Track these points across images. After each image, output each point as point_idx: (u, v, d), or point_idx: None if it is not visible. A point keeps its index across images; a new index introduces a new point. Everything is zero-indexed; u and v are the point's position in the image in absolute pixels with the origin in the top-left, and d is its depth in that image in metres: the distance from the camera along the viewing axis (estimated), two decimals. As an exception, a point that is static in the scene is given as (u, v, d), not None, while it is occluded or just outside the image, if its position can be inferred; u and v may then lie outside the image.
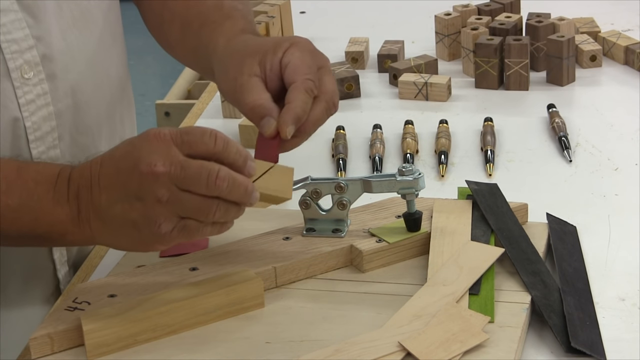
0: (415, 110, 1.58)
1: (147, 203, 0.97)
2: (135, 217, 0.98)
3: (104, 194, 1.00)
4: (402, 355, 0.98)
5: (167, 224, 0.98)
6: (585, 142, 1.44)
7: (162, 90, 2.77)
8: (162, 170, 0.96)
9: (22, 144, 1.16)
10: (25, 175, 1.03)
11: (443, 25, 1.73)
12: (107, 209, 1.00)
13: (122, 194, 0.98)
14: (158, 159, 0.96)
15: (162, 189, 0.97)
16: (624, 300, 1.09)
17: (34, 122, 1.16)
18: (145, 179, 0.97)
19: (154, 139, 0.97)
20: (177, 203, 0.97)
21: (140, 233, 0.99)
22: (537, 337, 1.04)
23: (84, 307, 1.06)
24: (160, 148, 0.97)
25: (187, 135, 0.98)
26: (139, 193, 0.97)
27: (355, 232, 1.17)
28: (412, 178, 1.14)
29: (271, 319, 1.06)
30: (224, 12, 1.22)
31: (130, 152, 0.98)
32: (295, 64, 1.09)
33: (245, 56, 1.12)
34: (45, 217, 1.02)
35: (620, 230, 1.22)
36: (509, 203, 1.21)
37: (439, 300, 1.05)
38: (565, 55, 1.61)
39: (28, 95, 1.15)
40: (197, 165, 0.97)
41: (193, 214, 0.98)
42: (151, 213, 0.98)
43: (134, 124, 1.38)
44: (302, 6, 2.01)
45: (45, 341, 1.03)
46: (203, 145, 0.98)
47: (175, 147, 0.97)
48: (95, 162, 1.02)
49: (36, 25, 1.14)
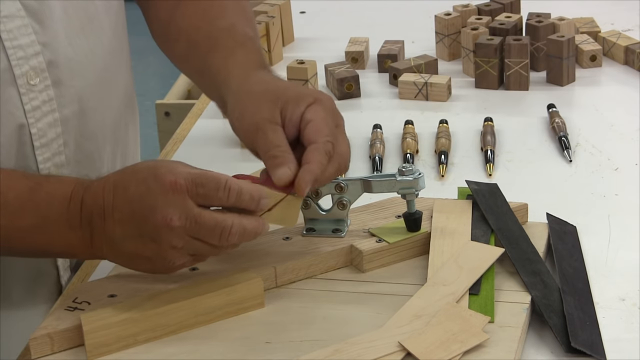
0: (415, 110, 1.58)
1: (161, 245, 1.01)
2: (149, 254, 1.02)
3: (118, 227, 1.02)
4: (402, 355, 0.98)
5: (179, 259, 1.03)
6: (585, 142, 1.44)
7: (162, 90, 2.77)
8: (178, 225, 1.00)
9: (27, 151, 1.15)
10: (37, 196, 1.04)
11: (443, 25, 1.73)
12: (121, 242, 1.02)
13: (136, 233, 1.01)
14: (174, 213, 0.99)
15: (176, 238, 1.01)
16: (624, 300, 1.09)
17: (40, 129, 1.15)
18: (160, 228, 1.00)
19: (169, 189, 0.99)
20: (191, 247, 1.02)
21: (154, 265, 1.04)
22: (537, 337, 1.04)
23: (84, 307, 1.06)
24: (176, 201, 0.99)
25: (202, 188, 1.00)
26: (153, 236, 1.01)
27: (355, 232, 1.17)
28: (412, 178, 1.14)
29: (271, 319, 1.06)
30: (236, 39, 1.20)
31: (145, 196, 1.00)
32: (318, 124, 1.08)
33: (265, 100, 1.10)
34: (58, 240, 1.04)
35: (620, 230, 1.22)
36: (509, 203, 1.21)
37: (439, 300, 1.05)
38: (565, 55, 1.61)
39: (34, 102, 1.14)
40: (211, 221, 1.00)
41: (205, 252, 1.04)
42: (165, 253, 1.02)
43: (137, 128, 1.38)
44: (302, 6, 2.01)
45: (45, 341, 1.03)
46: (217, 199, 1.01)
47: (190, 199, 1.00)
48: (107, 191, 1.03)
49: (42, 32, 1.14)
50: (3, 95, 1.11)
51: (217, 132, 1.55)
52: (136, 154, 1.38)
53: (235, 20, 1.23)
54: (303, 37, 1.88)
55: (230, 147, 1.50)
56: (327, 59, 1.71)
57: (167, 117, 2.08)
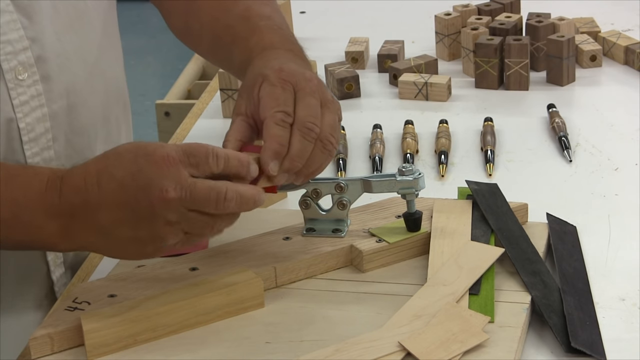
0: (415, 110, 1.58)
1: (156, 224, 0.99)
2: (141, 235, 1.00)
3: (106, 213, 1.00)
4: (402, 355, 0.98)
5: (172, 239, 1.01)
6: (585, 142, 1.44)
7: (162, 90, 2.77)
8: (174, 196, 0.98)
9: (15, 145, 1.15)
10: (13, 185, 1.03)
11: (443, 25, 1.74)
12: (110, 227, 1.01)
13: (127, 215, 1.00)
14: (169, 184, 0.98)
15: (172, 212, 0.99)
16: (624, 300, 1.09)
17: (28, 124, 1.15)
18: (156, 203, 0.98)
19: (162, 163, 0.98)
20: (185, 222, 1.00)
21: (144, 247, 1.02)
22: (537, 337, 1.04)
23: (84, 307, 1.06)
24: (170, 172, 0.98)
25: (194, 158, 0.99)
26: (148, 215, 0.99)
27: (355, 232, 1.17)
28: (412, 178, 1.14)
29: (271, 319, 1.06)
30: (250, 25, 1.20)
31: (137, 174, 0.99)
32: (264, 100, 1.07)
33: (239, 94, 1.12)
34: (37, 230, 1.03)
35: (620, 230, 1.22)
36: (509, 203, 1.21)
37: (439, 300, 1.05)
38: (565, 55, 1.61)
39: (22, 97, 1.14)
40: (206, 187, 0.99)
41: (199, 229, 1.01)
42: (158, 232, 1.00)
43: (129, 124, 1.37)
44: (302, 6, 2.01)
45: (45, 341, 1.03)
46: (208, 166, 1.00)
47: (184, 169, 0.99)
48: (89, 177, 1.01)
49: (31, 27, 1.14)
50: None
51: (217, 132, 1.55)
52: None
53: (250, 3, 1.22)
54: (303, 37, 1.87)
55: (230, 147, 1.50)
56: (327, 59, 1.71)
57: (167, 117, 2.08)
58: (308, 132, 1.05)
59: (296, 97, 1.07)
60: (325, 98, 1.08)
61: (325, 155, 1.07)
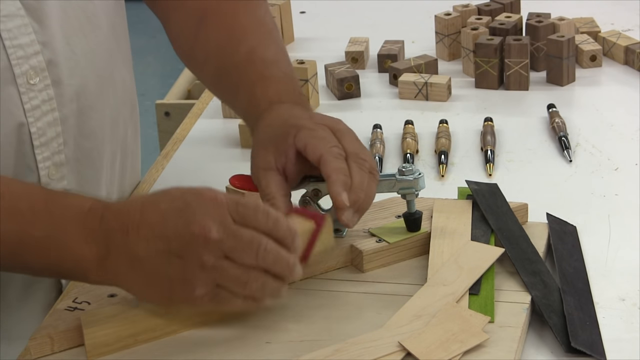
0: (415, 110, 1.58)
1: (189, 264, 0.97)
2: (172, 274, 0.98)
3: (143, 243, 0.98)
4: (402, 355, 0.98)
5: (201, 288, 0.98)
6: (585, 142, 1.44)
7: (162, 90, 2.77)
8: (215, 237, 0.96)
9: (26, 150, 1.15)
10: (53, 206, 1.01)
11: (443, 25, 1.74)
12: (144, 259, 0.98)
13: (164, 248, 0.97)
14: (213, 224, 0.96)
15: (209, 254, 0.97)
16: (624, 300, 1.09)
17: (39, 128, 1.15)
18: (195, 240, 0.96)
19: (210, 202, 0.98)
20: (219, 270, 0.97)
21: (172, 290, 0.99)
22: (537, 337, 1.04)
23: (84, 307, 1.06)
24: (216, 213, 0.97)
25: (243, 207, 0.98)
26: (184, 252, 0.97)
27: (355, 232, 1.17)
28: (412, 178, 1.14)
29: (271, 319, 1.06)
30: (255, 71, 1.20)
31: (183, 209, 0.98)
32: (311, 143, 1.07)
33: (260, 148, 1.12)
34: (71, 253, 1.00)
35: (620, 230, 1.22)
36: (509, 203, 1.21)
37: (439, 300, 1.05)
38: (565, 55, 1.61)
39: (33, 101, 1.14)
40: (248, 235, 0.97)
41: (230, 283, 0.98)
42: (190, 275, 0.97)
43: (137, 126, 1.37)
44: (302, 6, 2.01)
45: (45, 341, 1.03)
46: (255, 221, 0.98)
47: (229, 214, 0.98)
48: (134, 207, 1.00)
49: (41, 31, 1.14)
50: (3, 94, 1.11)
51: (217, 132, 1.56)
52: (136, 153, 1.38)
53: (255, 43, 1.22)
54: (303, 37, 1.88)
55: (230, 147, 1.50)
56: (327, 59, 1.71)
57: (167, 117, 2.08)
58: (363, 163, 1.08)
59: (336, 135, 1.09)
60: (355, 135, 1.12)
61: (375, 185, 1.09)
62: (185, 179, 1.42)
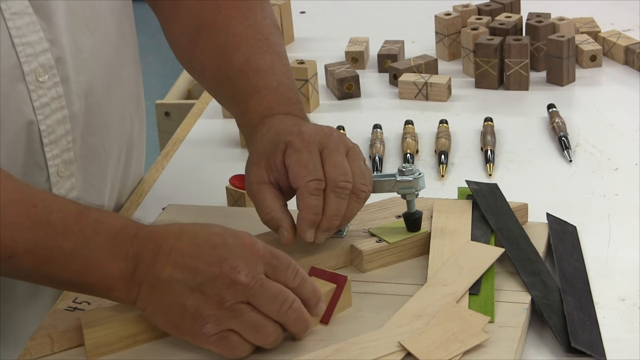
0: (415, 110, 1.58)
1: (207, 300, 0.98)
2: (188, 304, 0.98)
3: (169, 267, 0.99)
4: (402, 355, 0.98)
5: (212, 327, 0.99)
6: (585, 142, 1.44)
7: (162, 90, 2.77)
8: (243, 281, 0.98)
9: (36, 147, 1.15)
10: (85, 221, 1.01)
11: (443, 25, 1.73)
12: (166, 283, 0.99)
13: (188, 277, 0.98)
14: (244, 268, 0.98)
15: (231, 295, 0.98)
16: (624, 300, 1.09)
17: (49, 126, 1.15)
18: (222, 278, 0.98)
19: (248, 247, 0.99)
20: (236, 313, 0.98)
21: (183, 320, 0.99)
22: (537, 337, 1.04)
23: (84, 307, 1.06)
24: (251, 259, 0.99)
25: (276, 260, 1.00)
26: (206, 287, 0.98)
27: (355, 232, 1.17)
28: (412, 178, 1.14)
29: (271, 319, 1.06)
30: (249, 84, 1.21)
31: (219, 246, 0.99)
32: (294, 169, 1.09)
33: (252, 164, 1.13)
34: (97, 267, 1.00)
35: (620, 230, 1.22)
36: (509, 203, 1.21)
37: (439, 300, 1.05)
38: (565, 55, 1.61)
39: (43, 99, 1.14)
40: (277, 288, 0.99)
41: (245, 328, 0.99)
42: (205, 310, 0.98)
43: (143, 125, 1.37)
44: (302, 6, 2.01)
45: (45, 341, 1.03)
46: (284, 276, 1.00)
47: (263, 265, 0.99)
48: (170, 231, 1.01)
49: (49, 28, 1.14)
50: (12, 92, 1.11)
51: (217, 132, 1.56)
52: (141, 148, 1.38)
53: (249, 53, 1.23)
54: (303, 37, 1.88)
55: (230, 147, 1.50)
56: (327, 59, 1.71)
57: (167, 117, 2.08)
58: (342, 191, 1.08)
59: (322, 156, 1.10)
60: (347, 146, 1.12)
61: (359, 203, 1.11)
62: (185, 179, 1.42)
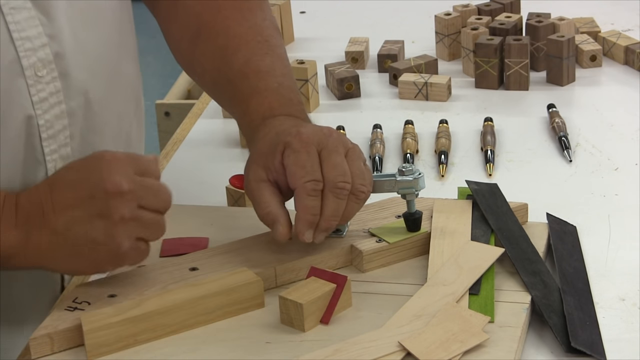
0: (415, 110, 1.58)
1: (111, 221, 1.03)
2: (97, 235, 1.03)
3: (61, 216, 1.03)
4: (402, 355, 0.98)
5: (126, 242, 1.04)
6: (585, 142, 1.44)
7: (162, 90, 2.77)
8: (129, 187, 1.03)
9: (35, 142, 1.15)
10: None
11: (443, 25, 1.73)
12: (66, 230, 1.03)
13: (82, 214, 1.03)
14: (122, 179, 1.03)
15: (126, 206, 1.03)
16: (624, 300, 1.09)
17: (47, 120, 1.15)
18: (111, 197, 1.03)
19: (113, 160, 1.04)
20: (137, 220, 1.04)
21: (98, 252, 1.04)
22: (537, 337, 1.04)
23: (84, 307, 1.06)
24: (121, 169, 1.04)
25: (139, 161, 1.06)
26: (103, 211, 1.03)
27: (355, 232, 1.17)
28: (412, 178, 1.14)
29: (271, 319, 1.06)
30: (249, 85, 1.22)
31: (90, 176, 1.04)
32: (291, 169, 1.10)
33: (251, 163, 1.15)
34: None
35: (620, 230, 1.22)
36: (509, 203, 1.21)
37: (439, 300, 1.05)
38: (565, 55, 1.61)
39: (41, 93, 1.14)
40: (153, 183, 1.06)
41: (149, 230, 1.05)
42: (114, 231, 1.03)
43: (141, 122, 1.37)
44: (302, 6, 2.01)
45: (45, 341, 1.03)
46: (150, 171, 1.07)
47: (131, 168, 1.05)
48: (42, 188, 1.05)
49: (49, 24, 1.14)
50: (12, 87, 1.12)
51: (217, 132, 1.56)
52: (140, 149, 1.38)
53: (249, 55, 1.24)
54: (303, 37, 1.88)
55: (230, 147, 1.50)
56: (327, 59, 1.71)
57: (167, 117, 2.08)
58: (340, 192, 1.09)
59: (321, 156, 1.10)
60: (346, 147, 1.12)
61: (359, 204, 1.11)
62: (185, 179, 1.42)
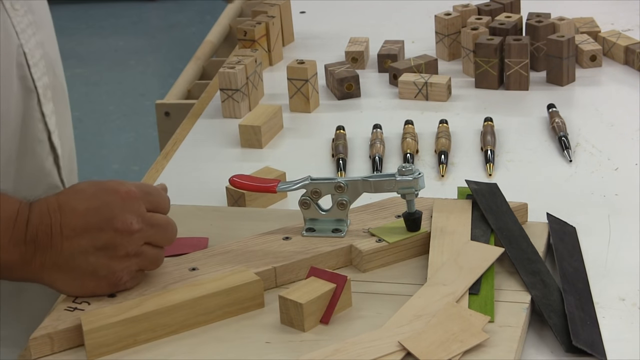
0: (415, 110, 1.58)
1: (115, 256, 1.06)
2: (98, 267, 1.05)
3: (67, 242, 1.05)
4: (402, 355, 0.98)
5: (126, 275, 1.07)
6: (585, 142, 1.44)
7: (162, 90, 2.77)
8: (138, 227, 1.06)
9: (25, 72, 1.22)
10: None
11: (443, 25, 1.74)
12: (70, 257, 1.05)
13: (88, 245, 1.05)
14: (133, 218, 1.06)
15: (133, 245, 1.06)
16: (624, 300, 1.09)
17: (30, 49, 1.23)
18: (119, 234, 1.05)
19: (126, 196, 1.06)
20: (140, 256, 1.07)
21: (97, 283, 1.06)
22: (537, 337, 1.04)
23: (84, 307, 1.06)
24: (133, 207, 1.06)
25: (151, 195, 1.09)
26: (109, 246, 1.05)
27: (355, 232, 1.17)
28: (412, 178, 1.14)
29: (271, 319, 1.06)
30: None
31: (101, 208, 1.05)
32: None
33: None
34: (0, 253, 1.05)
35: (620, 230, 1.22)
36: (509, 203, 1.21)
37: (439, 300, 1.05)
38: (565, 55, 1.61)
39: (21, 25, 1.22)
40: (162, 220, 1.08)
41: (150, 264, 1.08)
42: (116, 265, 1.06)
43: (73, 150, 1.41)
44: (302, 6, 2.01)
45: (45, 341, 1.03)
46: (161, 207, 1.09)
47: (143, 204, 1.07)
48: (53, 210, 1.06)
49: None
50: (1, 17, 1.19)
51: (217, 132, 1.56)
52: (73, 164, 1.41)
53: None
54: (303, 37, 1.89)
55: (230, 147, 1.50)
56: (327, 59, 1.72)
57: (167, 117, 2.08)
58: None
59: None
60: None
61: None
62: (185, 179, 1.42)
